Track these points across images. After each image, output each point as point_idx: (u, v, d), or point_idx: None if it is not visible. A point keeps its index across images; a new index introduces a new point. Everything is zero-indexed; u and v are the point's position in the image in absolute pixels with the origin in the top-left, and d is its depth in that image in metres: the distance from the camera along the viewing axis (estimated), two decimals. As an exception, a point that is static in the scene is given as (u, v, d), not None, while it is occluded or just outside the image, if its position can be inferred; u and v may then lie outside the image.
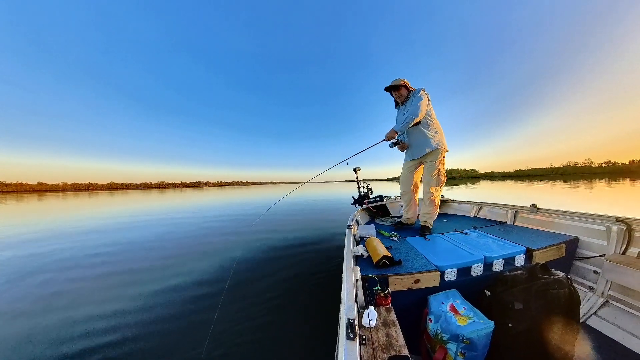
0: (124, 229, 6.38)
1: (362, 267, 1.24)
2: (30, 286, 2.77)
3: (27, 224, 7.87)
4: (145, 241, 4.85)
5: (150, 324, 1.93)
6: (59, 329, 1.93)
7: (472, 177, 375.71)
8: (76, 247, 4.48)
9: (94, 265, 3.42)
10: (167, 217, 8.44)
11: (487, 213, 2.66)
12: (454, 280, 1.23)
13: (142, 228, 6.40)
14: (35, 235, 5.90)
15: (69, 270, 3.27)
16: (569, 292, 1.05)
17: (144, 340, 1.75)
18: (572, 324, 1.05)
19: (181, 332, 1.83)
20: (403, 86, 2.07)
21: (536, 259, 1.41)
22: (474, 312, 1.04)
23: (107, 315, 2.08)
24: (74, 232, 6.17)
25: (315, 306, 2.14)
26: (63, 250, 4.34)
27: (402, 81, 2.06)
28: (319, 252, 3.64)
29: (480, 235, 1.76)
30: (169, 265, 3.34)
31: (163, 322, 1.95)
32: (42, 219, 9.30)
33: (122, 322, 1.98)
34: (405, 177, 2.24)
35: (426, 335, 1.10)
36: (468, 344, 0.93)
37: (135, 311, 2.14)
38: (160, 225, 6.80)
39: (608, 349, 1.15)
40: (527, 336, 0.99)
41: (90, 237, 5.44)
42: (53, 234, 5.98)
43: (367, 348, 0.72)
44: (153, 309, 2.15)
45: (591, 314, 1.37)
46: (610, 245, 1.49)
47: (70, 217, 9.66)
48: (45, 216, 10.17)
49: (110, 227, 6.72)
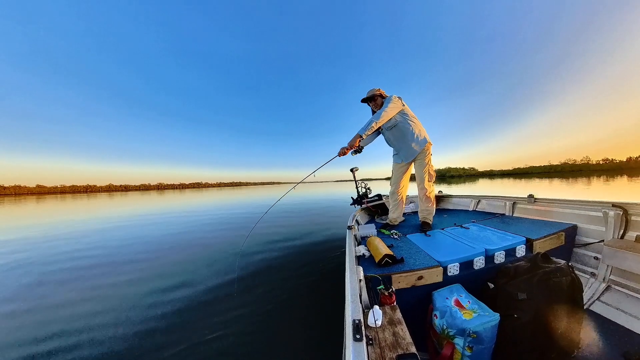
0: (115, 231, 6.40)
1: (365, 267, 1.24)
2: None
3: (43, 228, 7.73)
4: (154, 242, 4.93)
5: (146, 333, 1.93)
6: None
7: (471, 176, 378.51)
8: (100, 247, 4.54)
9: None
10: (170, 218, 8.54)
11: (485, 206, 2.67)
12: (457, 275, 1.23)
13: (156, 228, 6.50)
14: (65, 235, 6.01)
15: (104, 273, 3.31)
16: (571, 280, 1.06)
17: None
18: (577, 311, 1.06)
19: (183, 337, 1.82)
20: (378, 96, 2.10)
21: (537, 249, 1.42)
22: (479, 305, 1.05)
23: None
24: (95, 233, 6.24)
25: (319, 308, 2.12)
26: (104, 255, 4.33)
27: (376, 91, 2.10)
28: (320, 253, 3.63)
29: (480, 229, 1.77)
30: (172, 271, 3.31)
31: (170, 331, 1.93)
32: (68, 220, 9.39)
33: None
34: (397, 177, 2.26)
35: (433, 332, 1.10)
36: (475, 337, 0.93)
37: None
38: (167, 226, 6.86)
39: (613, 333, 1.15)
40: (533, 326, 0.99)
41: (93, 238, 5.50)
42: (102, 237, 5.91)
43: (375, 348, 0.72)
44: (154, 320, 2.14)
45: (594, 299, 1.38)
46: (608, 231, 1.51)
47: (90, 218, 9.77)
48: (68, 218, 10.18)
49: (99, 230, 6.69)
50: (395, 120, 2.04)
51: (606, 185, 18.38)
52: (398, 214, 2.29)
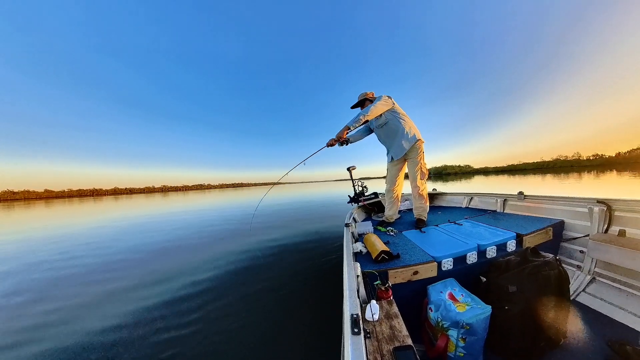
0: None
1: (362, 263, 1.26)
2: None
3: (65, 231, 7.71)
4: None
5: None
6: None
7: (466, 173, 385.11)
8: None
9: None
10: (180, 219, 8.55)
11: (478, 203, 2.74)
12: (451, 270, 1.27)
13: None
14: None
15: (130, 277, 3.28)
16: (559, 272, 1.10)
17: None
18: (564, 302, 1.10)
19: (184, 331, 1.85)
20: (367, 99, 2.19)
21: (526, 244, 1.47)
22: (472, 298, 1.08)
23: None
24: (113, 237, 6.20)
25: (317, 304, 2.16)
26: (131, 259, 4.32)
27: (365, 95, 2.20)
28: (317, 250, 3.67)
29: (473, 225, 1.82)
30: (174, 269, 3.34)
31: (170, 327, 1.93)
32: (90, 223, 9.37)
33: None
34: (392, 176, 2.31)
35: (428, 324, 1.13)
36: (468, 329, 0.96)
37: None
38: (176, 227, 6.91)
39: (598, 323, 1.21)
40: (522, 317, 1.03)
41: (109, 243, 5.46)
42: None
43: (372, 341, 0.74)
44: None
45: (580, 291, 1.44)
46: (593, 226, 1.58)
47: (103, 220, 9.76)
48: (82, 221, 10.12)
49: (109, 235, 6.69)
50: (386, 118, 2.09)
51: (596, 179, 19.08)
52: (394, 211, 2.33)
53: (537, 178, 25.86)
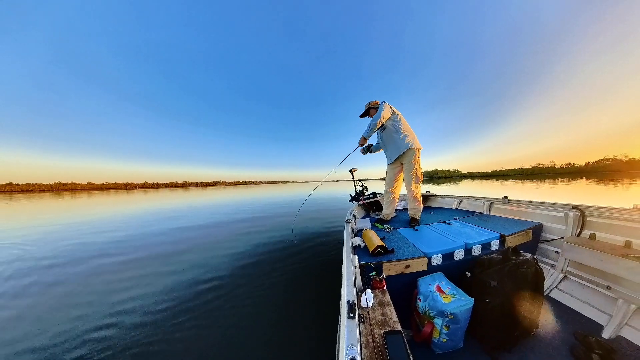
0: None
1: (360, 256, 1.34)
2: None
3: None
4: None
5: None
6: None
7: (455, 177, 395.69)
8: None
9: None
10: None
11: (466, 205, 2.89)
12: (440, 265, 1.36)
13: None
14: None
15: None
16: (535, 270, 1.21)
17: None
18: (538, 297, 1.22)
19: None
20: (371, 108, 2.37)
21: (508, 244, 1.58)
22: (457, 291, 1.17)
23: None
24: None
25: (319, 292, 2.31)
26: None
27: (372, 104, 2.37)
28: (320, 244, 3.89)
29: (461, 225, 1.93)
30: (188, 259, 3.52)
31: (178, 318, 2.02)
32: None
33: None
34: (390, 178, 2.44)
35: (416, 313, 1.22)
36: (452, 318, 1.06)
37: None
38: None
39: (566, 316, 1.35)
40: (501, 309, 1.13)
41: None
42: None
43: (366, 325, 0.81)
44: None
45: (553, 287, 1.57)
46: (567, 229, 1.71)
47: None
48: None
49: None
50: (385, 123, 2.22)
51: (568, 186, 21.10)
52: (391, 210, 2.45)
53: (517, 183, 27.97)
